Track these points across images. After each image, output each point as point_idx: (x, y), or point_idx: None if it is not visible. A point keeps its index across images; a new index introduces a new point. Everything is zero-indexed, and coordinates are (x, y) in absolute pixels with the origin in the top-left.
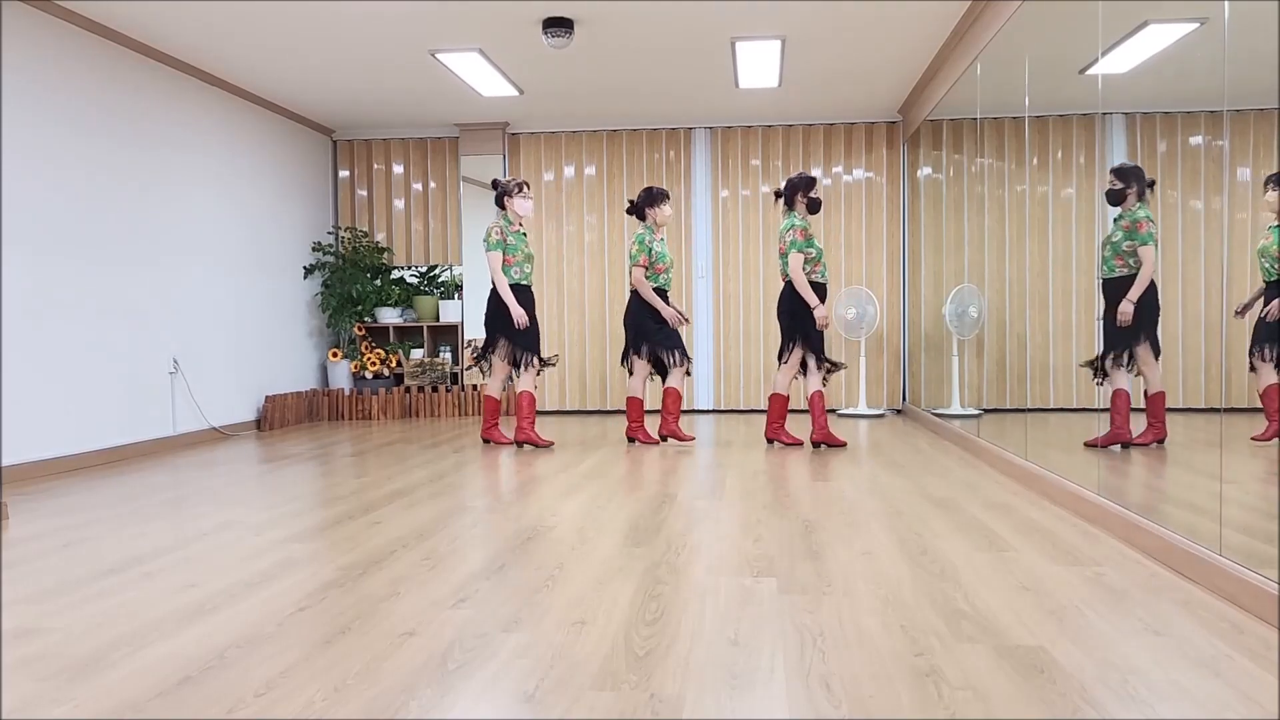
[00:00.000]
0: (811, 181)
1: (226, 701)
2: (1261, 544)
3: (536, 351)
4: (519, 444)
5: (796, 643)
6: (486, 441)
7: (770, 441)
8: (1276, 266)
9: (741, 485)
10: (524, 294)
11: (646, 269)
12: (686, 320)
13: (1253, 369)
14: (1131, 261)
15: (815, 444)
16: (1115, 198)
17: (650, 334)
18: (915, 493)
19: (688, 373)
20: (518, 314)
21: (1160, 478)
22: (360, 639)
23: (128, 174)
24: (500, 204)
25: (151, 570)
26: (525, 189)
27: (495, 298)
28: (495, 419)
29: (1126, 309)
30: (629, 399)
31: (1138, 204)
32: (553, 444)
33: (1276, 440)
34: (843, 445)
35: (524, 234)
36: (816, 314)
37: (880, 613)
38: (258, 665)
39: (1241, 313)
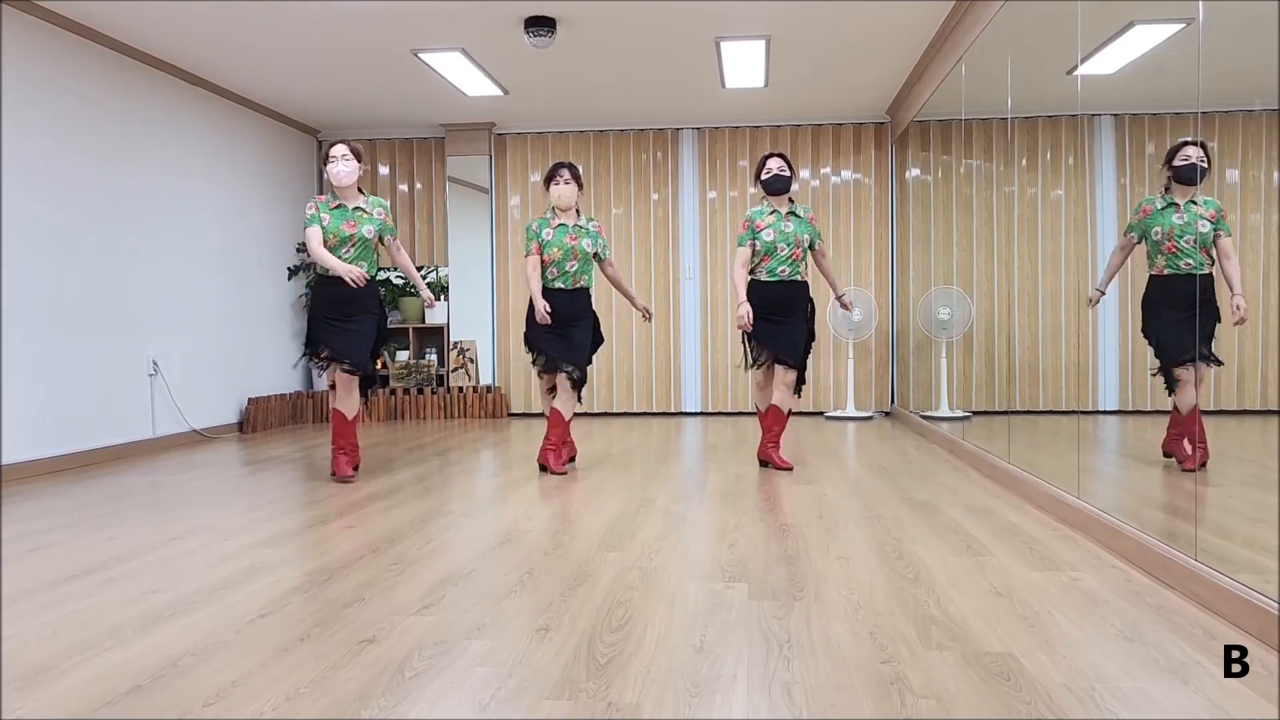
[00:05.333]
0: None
1: (174, 711)
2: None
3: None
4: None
5: (762, 650)
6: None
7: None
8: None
9: (723, 489)
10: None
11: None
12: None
13: None
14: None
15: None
16: (1200, 175)
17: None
18: (896, 496)
19: (573, 383)
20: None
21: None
22: (318, 647)
23: (108, 173)
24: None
25: (115, 576)
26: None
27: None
28: (339, 441)
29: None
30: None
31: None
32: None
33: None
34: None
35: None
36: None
37: (850, 619)
38: (211, 674)
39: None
